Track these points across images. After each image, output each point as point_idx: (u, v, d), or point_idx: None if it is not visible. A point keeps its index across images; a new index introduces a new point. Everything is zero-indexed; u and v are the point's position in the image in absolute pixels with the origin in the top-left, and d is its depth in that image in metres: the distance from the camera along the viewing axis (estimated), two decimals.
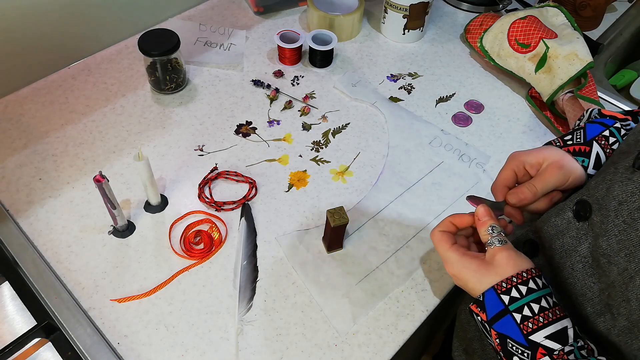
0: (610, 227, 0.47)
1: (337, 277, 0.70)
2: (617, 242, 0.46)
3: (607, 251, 0.47)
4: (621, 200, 0.46)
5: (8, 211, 0.74)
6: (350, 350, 0.64)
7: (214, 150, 0.83)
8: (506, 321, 0.50)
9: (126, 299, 0.66)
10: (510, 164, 0.62)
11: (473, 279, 0.54)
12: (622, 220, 0.46)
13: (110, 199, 0.66)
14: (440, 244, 0.58)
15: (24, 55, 0.87)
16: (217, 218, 0.75)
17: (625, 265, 0.45)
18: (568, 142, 0.62)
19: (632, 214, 0.45)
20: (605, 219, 0.48)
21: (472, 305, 0.54)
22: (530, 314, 0.50)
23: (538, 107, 0.92)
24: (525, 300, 0.50)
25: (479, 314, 0.53)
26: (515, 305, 0.50)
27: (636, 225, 0.44)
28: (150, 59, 0.85)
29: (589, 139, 0.61)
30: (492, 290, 0.52)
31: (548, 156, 0.60)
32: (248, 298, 0.67)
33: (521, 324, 0.50)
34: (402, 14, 0.99)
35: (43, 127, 0.84)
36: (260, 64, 0.98)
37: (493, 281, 0.52)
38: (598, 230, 0.49)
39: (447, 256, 0.57)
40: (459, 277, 0.56)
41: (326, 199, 0.79)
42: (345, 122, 0.89)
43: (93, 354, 0.62)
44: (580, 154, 0.60)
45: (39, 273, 0.68)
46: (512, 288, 0.51)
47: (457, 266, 0.56)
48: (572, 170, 0.59)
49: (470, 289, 0.55)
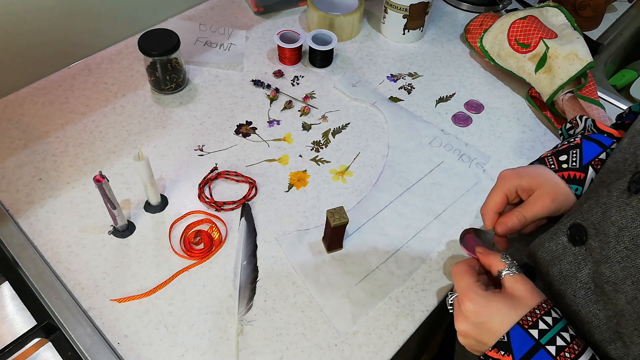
0: (612, 253, 0.45)
1: (337, 277, 0.70)
2: (621, 269, 0.44)
3: (612, 279, 0.45)
4: (621, 226, 0.44)
5: (8, 211, 0.74)
6: (350, 350, 0.64)
7: (214, 150, 0.83)
8: (540, 357, 0.47)
9: (126, 299, 0.66)
10: (502, 186, 0.60)
11: (499, 315, 0.49)
12: (624, 246, 0.44)
13: (110, 199, 0.66)
14: (466, 276, 0.53)
15: (24, 55, 0.87)
16: (217, 218, 0.75)
17: (634, 293, 0.44)
18: (563, 166, 0.59)
19: (634, 240, 0.43)
20: (605, 245, 0.46)
21: (490, 352, 0.49)
22: (564, 344, 0.47)
23: (538, 107, 0.92)
24: (556, 330, 0.47)
25: (500, 359, 0.48)
26: (546, 337, 0.47)
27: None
28: (150, 59, 0.85)
29: (584, 163, 0.59)
30: (518, 327, 0.48)
31: (542, 184, 0.57)
32: (248, 298, 0.67)
33: (557, 355, 0.46)
34: (402, 14, 0.99)
35: (43, 127, 0.84)
36: (260, 64, 0.98)
37: (521, 315, 0.48)
38: (598, 257, 0.47)
39: (471, 290, 0.51)
40: (482, 313, 0.50)
41: (326, 199, 0.79)
42: (345, 122, 0.89)
43: (93, 354, 0.62)
44: (575, 181, 0.58)
45: (39, 273, 0.68)
46: (539, 320, 0.48)
47: (481, 301, 0.50)
48: (565, 202, 0.57)
49: (492, 329, 0.49)
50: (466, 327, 0.51)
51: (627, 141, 0.52)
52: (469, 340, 0.52)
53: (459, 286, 0.53)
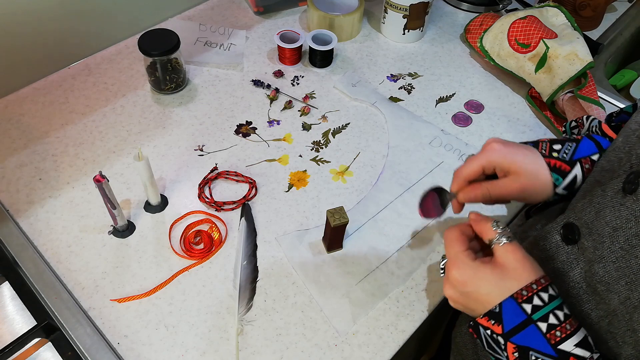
0: (606, 253, 0.45)
1: (337, 277, 0.70)
2: (615, 269, 0.44)
3: (605, 279, 0.45)
4: (615, 226, 0.44)
5: (8, 211, 0.74)
6: (350, 350, 0.64)
7: (214, 150, 0.83)
8: (530, 332, 0.47)
9: (126, 299, 0.66)
10: (482, 159, 0.58)
11: (487, 287, 0.49)
12: (619, 247, 0.44)
13: (110, 199, 0.66)
14: (456, 243, 0.53)
15: (24, 55, 0.87)
16: (217, 218, 0.75)
17: (627, 294, 0.44)
18: (553, 154, 0.58)
19: (629, 240, 0.43)
20: (599, 245, 0.46)
21: (480, 319, 0.49)
22: (557, 322, 0.46)
23: (538, 107, 0.92)
24: (550, 308, 0.47)
25: (490, 327, 0.49)
26: (539, 314, 0.47)
27: (635, 252, 0.42)
28: (150, 59, 0.85)
29: (575, 158, 0.58)
30: (511, 299, 0.47)
31: (520, 172, 0.56)
32: (248, 298, 0.67)
33: (547, 333, 0.46)
34: (402, 14, 0.99)
35: (43, 127, 0.84)
36: (260, 64, 0.98)
37: (511, 287, 0.48)
38: (592, 256, 0.47)
39: (459, 259, 0.51)
40: (469, 283, 0.50)
41: (326, 199, 0.79)
42: (345, 122, 0.89)
43: (93, 354, 0.62)
44: (558, 171, 0.57)
45: (39, 273, 0.68)
46: (534, 296, 0.47)
47: (467, 271, 0.50)
48: (538, 193, 0.57)
49: (479, 300, 0.49)
50: (453, 294, 0.52)
51: (621, 140, 0.51)
52: (457, 305, 0.53)
53: (449, 254, 0.53)
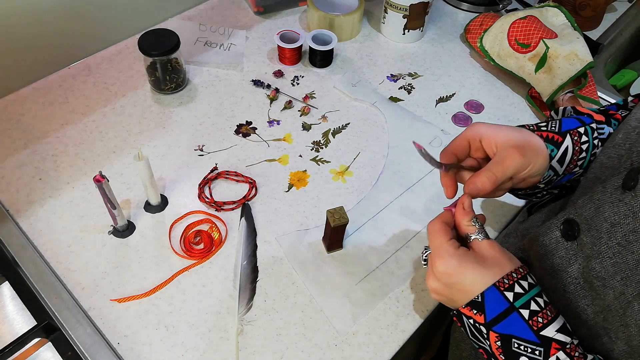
0: (604, 249, 0.45)
1: (337, 277, 0.70)
2: (612, 264, 0.45)
3: (602, 274, 0.46)
4: (614, 222, 0.44)
5: (8, 211, 0.74)
6: (350, 350, 0.64)
7: (214, 150, 0.83)
8: (512, 320, 0.47)
9: (126, 299, 0.66)
10: (467, 134, 0.57)
11: (471, 276, 0.49)
12: (617, 242, 0.44)
13: (110, 199, 0.66)
14: (439, 234, 0.52)
15: (24, 55, 0.87)
16: (217, 218, 0.75)
17: (622, 289, 0.44)
18: (542, 128, 0.58)
19: (626, 236, 0.43)
20: (597, 240, 0.46)
21: (463, 308, 0.50)
22: (538, 309, 0.47)
23: (538, 107, 0.92)
24: (531, 295, 0.48)
25: (472, 317, 0.49)
26: (521, 301, 0.47)
27: (632, 248, 0.43)
28: (150, 59, 0.85)
29: (564, 130, 0.57)
30: (494, 288, 0.48)
31: (510, 138, 0.54)
32: (248, 298, 0.67)
33: (530, 320, 0.47)
34: (402, 14, 0.99)
35: (43, 127, 0.84)
36: (260, 64, 0.98)
37: (494, 275, 0.48)
38: (589, 252, 0.47)
39: (444, 249, 0.51)
40: (453, 274, 0.50)
41: (326, 199, 0.79)
42: (345, 122, 0.89)
43: (93, 354, 0.62)
44: (552, 142, 0.56)
45: (39, 273, 0.68)
46: (515, 284, 0.48)
47: (453, 262, 0.50)
48: (536, 157, 0.54)
49: (463, 290, 0.50)
50: (437, 286, 0.52)
51: (621, 137, 0.52)
52: (440, 297, 0.53)
53: (432, 245, 0.52)
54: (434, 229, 0.53)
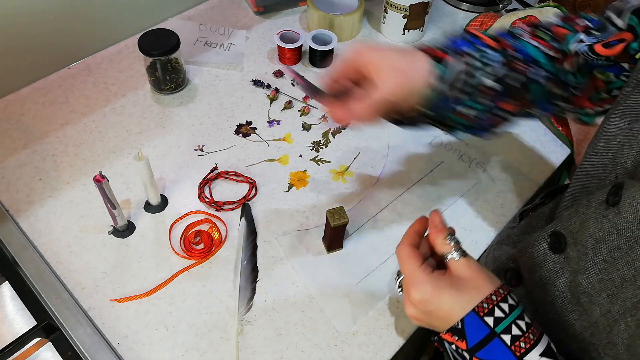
0: (590, 264, 0.44)
1: (337, 277, 0.70)
2: (598, 281, 0.44)
3: (588, 290, 0.45)
4: (598, 238, 0.44)
5: (8, 211, 0.74)
6: (350, 350, 0.64)
7: (214, 150, 0.83)
8: (494, 346, 0.45)
9: (126, 299, 0.66)
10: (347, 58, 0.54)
11: (448, 301, 0.47)
12: (602, 258, 0.43)
13: (110, 199, 0.66)
14: (410, 261, 0.50)
15: (24, 55, 0.87)
16: (217, 218, 0.75)
17: (608, 306, 0.43)
18: (434, 47, 0.54)
19: (612, 252, 0.42)
20: (583, 255, 0.45)
21: (444, 334, 0.48)
22: (520, 333, 0.45)
23: None
24: (512, 318, 0.46)
25: (454, 343, 0.47)
26: (502, 326, 0.46)
27: (617, 265, 0.42)
28: (150, 59, 0.85)
29: (457, 49, 0.53)
30: (473, 314, 0.46)
31: (390, 60, 0.51)
32: (248, 298, 0.67)
33: (512, 345, 0.45)
34: (402, 14, 0.99)
35: (43, 127, 0.84)
36: (260, 64, 0.98)
37: (472, 299, 0.46)
38: (576, 267, 0.46)
39: (417, 277, 0.48)
40: (430, 301, 0.47)
41: (326, 199, 0.79)
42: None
43: (93, 354, 0.62)
44: (441, 62, 0.52)
45: (39, 273, 0.68)
46: (495, 307, 0.46)
47: (428, 288, 0.47)
48: (416, 79, 0.51)
49: (442, 316, 0.48)
50: (415, 313, 0.50)
51: (602, 145, 0.50)
52: (420, 323, 0.51)
53: (405, 272, 0.50)
54: (403, 255, 0.51)
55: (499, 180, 0.83)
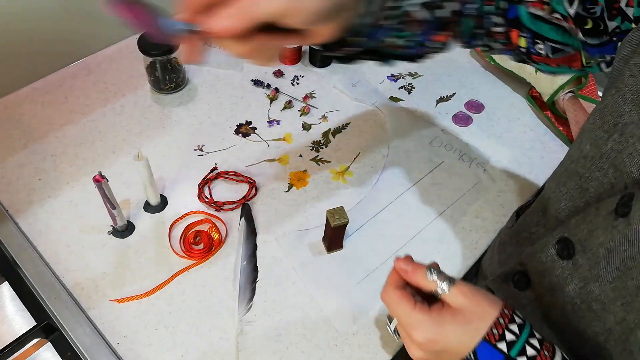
0: (603, 273, 0.44)
1: (337, 277, 0.70)
2: (612, 289, 0.43)
3: (601, 298, 0.44)
4: (609, 248, 0.43)
5: (7, 211, 0.74)
6: (350, 350, 0.64)
7: (214, 150, 0.83)
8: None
9: (126, 299, 0.66)
10: None
11: (456, 336, 0.44)
12: (615, 267, 0.43)
13: (110, 199, 0.66)
14: (403, 303, 0.46)
15: (24, 55, 0.87)
16: (217, 218, 0.75)
17: (624, 315, 0.42)
18: None
19: (624, 262, 0.42)
20: (594, 264, 0.45)
21: None
22: (535, 352, 0.44)
23: (539, 106, 0.92)
24: (524, 339, 0.44)
25: None
26: (516, 349, 0.44)
27: (631, 274, 0.41)
28: (150, 58, 0.85)
29: None
30: (485, 343, 0.43)
31: None
32: (248, 298, 0.67)
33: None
34: None
35: (43, 127, 0.84)
36: None
37: (479, 328, 0.44)
38: (587, 274, 0.46)
39: (416, 319, 0.45)
40: (437, 340, 0.45)
41: (326, 199, 0.79)
42: (345, 122, 0.89)
43: (92, 354, 0.62)
44: None
45: (39, 273, 0.68)
46: (505, 331, 0.44)
47: (431, 328, 0.45)
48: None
49: (452, 352, 0.45)
50: (423, 355, 0.47)
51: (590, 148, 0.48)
52: None
53: (400, 317, 0.47)
54: (393, 299, 0.48)
55: (499, 180, 0.83)
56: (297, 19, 0.42)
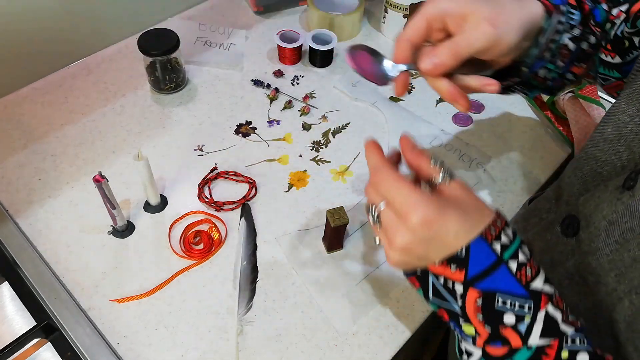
0: (602, 246, 0.44)
1: (337, 277, 0.70)
2: (608, 262, 0.44)
3: (597, 270, 0.45)
4: (612, 220, 0.44)
5: (7, 211, 0.74)
6: (350, 350, 0.64)
7: (214, 150, 0.83)
8: (499, 274, 0.41)
9: (126, 299, 0.66)
10: (425, 10, 0.46)
11: (455, 224, 0.41)
12: (614, 240, 0.43)
13: (110, 199, 0.66)
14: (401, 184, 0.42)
15: (24, 55, 0.87)
16: (216, 218, 0.75)
17: (615, 285, 0.43)
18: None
19: (624, 234, 0.42)
20: (595, 237, 0.45)
21: (435, 266, 0.42)
22: (525, 260, 0.42)
23: (539, 107, 0.92)
24: (517, 244, 0.42)
25: (444, 275, 0.42)
26: (509, 252, 0.41)
27: (628, 246, 0.42)
28: (150, 58, 0.85)
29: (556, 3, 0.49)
30: (481, 239, 0.41)
31: (481, 9, 0.45)
32: (248, 298, 0.67)
33: (517, 272, 0.41)
34: (402, 13, 0.99)
35: (43, 127, 0.84)
36: (260, 63, 0.97)
37: (477, 224, 0.42)
38: (587, 249, 0.46)
39: (416, 198, 0.41)
40: (435, 222, 0.41)
41: (326, 199, 0.79)
42: (345, 122, 0.89)
43: (92, 354, 0.62)
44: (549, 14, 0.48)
45: (39, 273, 0.68)
46: (501, 233, 0.42)
47: (432, 209, 0.41)
48: (507, 31, 0.45)
49: (443, 242, 0.41)
50: (409, 241, 0.42)
51: (611, 131, 0.49)
52: (407, 258, 0.44)
53: (395, 198, 0.42)
54: (388, 180, 0.43)
55: (499, 180, 0.83)
56: (496, 52, 0.46)
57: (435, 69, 0.46)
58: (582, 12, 0.52)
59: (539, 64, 0.52)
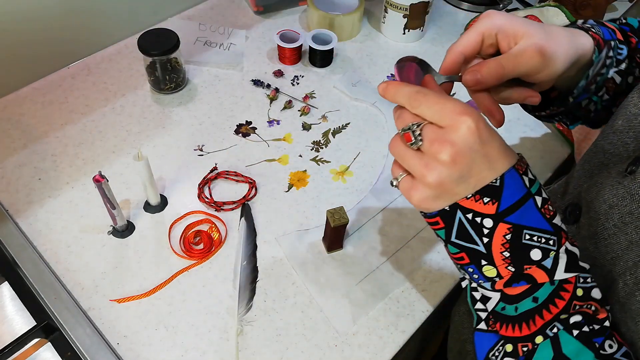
0: (600, 230, 0.45)
1: (337, 277, 0.70)
2: (605, 245, 0.44)
3: (594, 254, 0.46)
4: (612, 204, 0.44)
5: (7, 211, 0.74)
6: (350, 350, 0.64)
7: (214, 150, 0.83)
8: (528, 208, 0.41)
9: (126, 299, 0.66)
10: (480, 25, 0.47)
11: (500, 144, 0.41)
12: (613, 224, 0.44)
13: (110, 199, 0.66)
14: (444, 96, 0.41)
15: (24, 55, 0.87)
16: (216, 218, 0.75)
17: (610, 267, 0.44)
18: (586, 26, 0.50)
19: (623, 217, 0.43)
20: (594, 222, 0.46)
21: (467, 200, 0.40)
22: (547, 197, 0.42)
23: None
24: (538, 182, 0.43)
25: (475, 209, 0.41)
26: (535, 187, 0.41)
27: (626, 229, 0.43)
28: (150, 58, 0.85)
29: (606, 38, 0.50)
30: (513, 171, 0.40)
31: (532, 32, 0.46)
32: (248, 298, 0.67)
33: (542, 208, 0.41)
34: (402, 13, 0.99)
35: (43, 127, 0.84)
36: (260, 63, 0.97)
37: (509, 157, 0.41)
38: (586, 234, 0.47)
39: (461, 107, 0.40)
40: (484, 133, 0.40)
41: (326, 199, 0.79)
42: (345, 122, 0.89)
43: (92, 354, 0.62)
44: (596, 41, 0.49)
45: (39, 273, 0.68)
46: (527, 169, 0.42)
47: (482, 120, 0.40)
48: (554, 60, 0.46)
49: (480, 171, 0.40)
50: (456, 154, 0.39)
51: (621, 123, 0.50)
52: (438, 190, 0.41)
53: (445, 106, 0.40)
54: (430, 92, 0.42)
55: None
56: (539, 78, 0.47)
57: (478, 85, 0.47)
58: (629, 47, 0.53)
59: (584, 95, 0.53)
